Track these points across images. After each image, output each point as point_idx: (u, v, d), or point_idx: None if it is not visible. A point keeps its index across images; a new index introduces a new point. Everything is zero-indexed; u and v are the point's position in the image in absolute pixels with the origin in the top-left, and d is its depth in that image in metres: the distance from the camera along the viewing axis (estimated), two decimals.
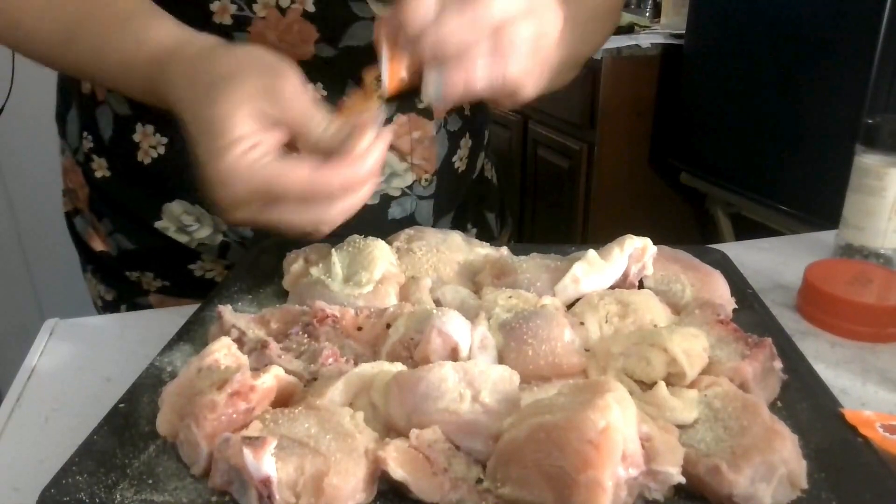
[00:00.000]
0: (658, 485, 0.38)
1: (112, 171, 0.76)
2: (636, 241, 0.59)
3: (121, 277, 0.81)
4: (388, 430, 0.42)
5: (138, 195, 0.75)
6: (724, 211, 1.97)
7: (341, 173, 0.47)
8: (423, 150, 0.77)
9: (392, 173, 0.76)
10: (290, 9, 0.66)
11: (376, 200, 0.76)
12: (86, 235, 0.82)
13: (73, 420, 0.50)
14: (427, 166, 0.78)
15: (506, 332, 0.50)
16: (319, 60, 0.68)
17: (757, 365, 0.47)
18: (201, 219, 0.75)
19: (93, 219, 0.80)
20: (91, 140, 0.75)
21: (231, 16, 0.65)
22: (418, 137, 0.77)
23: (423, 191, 0.79)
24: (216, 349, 0.46)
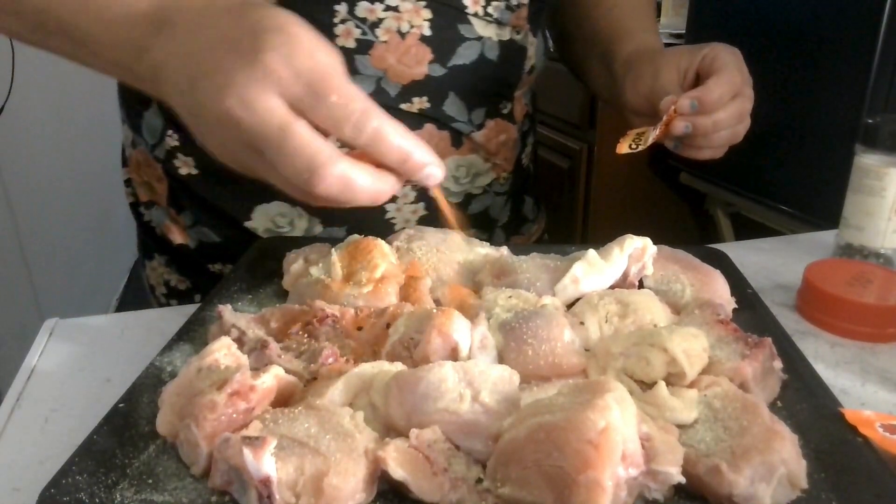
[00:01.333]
0: (658, 485, 0.38)
1: (200, 170, 0.78)
2: (636, 241, 0.59)
3: (201, 269, 0.83)
4: (388, 430, 0.42)
5: (230, 195, 0.77)
6: (723, 211, 1.97)
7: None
8: (505, 151, 0.84)
9: (476, 173, 0.82)
10: (410, 33, 0.71)
11: (460, 199, 0.82)
12: (162, 228, 0.84)
13: (73, 420, 0.50)
14: (506, 165, 0.85)
15: (506, 332, 0.50)
16: (429, 79, 0.74)
17: (757, 365, 0.47)
18: (296, 221, 0.77)
19: (171, 211, 0.82)
20: (177, 139, 0.77)
21: (355, 39, 0.70)
22: (503, 140, 0.83)
23: (499, 188, 0.85)
24: (216, 349, 0.46)
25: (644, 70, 0.73)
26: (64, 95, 2.20)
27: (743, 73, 0.69)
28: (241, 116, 0.42)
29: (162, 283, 0.87)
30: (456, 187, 0.81)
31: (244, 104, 0.41)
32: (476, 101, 0.78)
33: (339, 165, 0.43)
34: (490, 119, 0.80)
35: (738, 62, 0.69)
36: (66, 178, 2.15)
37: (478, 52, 0.75)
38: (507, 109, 0.82)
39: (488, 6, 0.75)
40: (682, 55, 0.71)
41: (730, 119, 0.67)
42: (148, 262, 0.88)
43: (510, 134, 0.83)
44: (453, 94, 0.76)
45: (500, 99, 0.81)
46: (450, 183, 0.80)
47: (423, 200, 0.79)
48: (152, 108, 0.78)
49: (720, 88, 0.66)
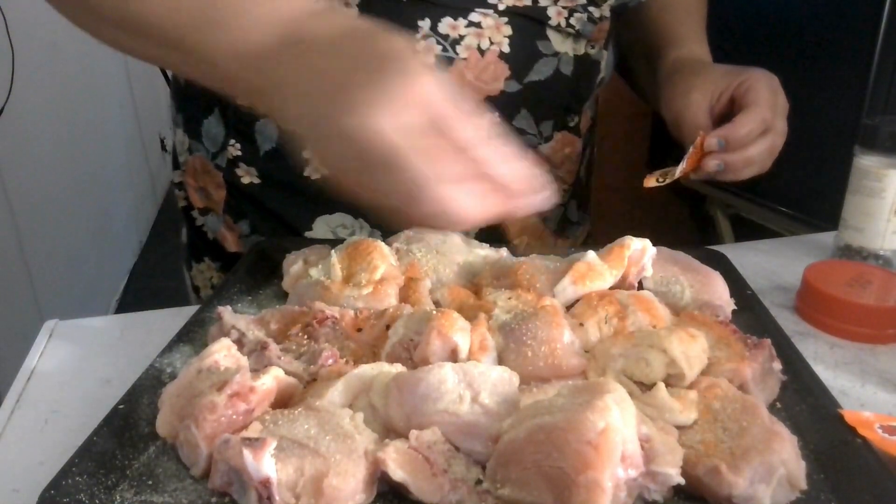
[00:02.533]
0: (657, 486, 0.38)
1: (263, 180, 0.78)
2: (635, 243, 0.59)
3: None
4: (388, 431, 0.42)
5: (293, 204, 0.78)
6: (723, 212, 1.97)
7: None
8: (569, 164, 0.84)
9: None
10: (489, 50, 0.72)
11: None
12: (216, 234, 0.84)
13: (73, 421, 0.50)
14: (568, 178, 0.86)
15: (505, 334, 0.50)
16: (504, 95, 0.74)
17: (756, 366, 0.47)
18: (357, 232, 0.78)
19: (227, 219, 0.82)
20: (239, 149, 0.77)
21: (434, 56, 0.70)
22: (568, 153, 0.83)
23: (559, 199, 0.85)
24: (216, 350, 0.46)
25: (679, 88, 0.74)
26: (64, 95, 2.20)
27: (776, 106, 0.70)
28: (360, 135, 0.43)
29: (209, 285, 0.88)
30: None
31: (364, 125, 0.43)
32: (545, 115, 0.78)
33: (438, 188, 0.44)
34: (557, 132, 0.80)
35: (774, 93, 0.70)
36: (66, 178, 2.15)
37: (553, 68, 0.76)
38: (575, 122, 0.82)
39: (571, 17, 0.74)
40: (718, 77, 0.72)
41: (760, 156, 0.69)
42: (196, 264, 0.89)
43: (575, 147, 0.83)
44: (525, 110, 0.76)
45: (569, 112, 0.81)
46: None
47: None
48: (213, 116, 0.79)
49: (749, 126, 0.67)
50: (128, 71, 3.14)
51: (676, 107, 0.73)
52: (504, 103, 0.74)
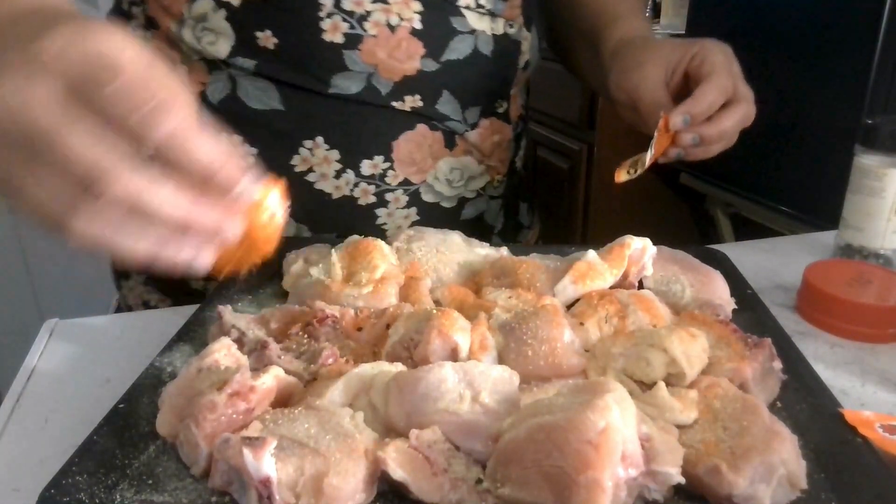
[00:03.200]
0: (658, 485, 0.38)
1: None
2: (636, 242, 0.59)
3: (182, 286, 0.81)
4: (388, 431, 0.42)
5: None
6: (723, 211, 1.97)
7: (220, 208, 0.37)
8: (500, 152, 0.82)
9: (470, 176, 0.80)
10: (400, 26, 0.69)
11: (453, 203, 0.80)
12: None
13: (73, 420, 0.50)
14: (500, 168, 0.83)
15: (505, 333, 0.50)
16: (422, 74, 0.72)
17: (756, 365, 0.47)
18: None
19: None
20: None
21: (343, 34, 0.68)
22: (497, 140, 0.81)
23: (493, 191, 0.83)
24: (216, 349, 0.46)
25: (629, 64, 0.70)
26: None
27: (733, 72, 0.67)
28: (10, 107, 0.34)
29: (141, 303, 0.84)
30: (449, 191, 0.79)
31: (13, 92, 0.34)
32: (471, 99, 0.76)
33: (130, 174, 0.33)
34: (485, 118, 0.79)
35: (728, 62, 0.67)
36: None
37: (471, 46, 0.74)
38: (503, 108, 0.81)
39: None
40: (669, 51, 0.69)
41: (735, 126, 0.67)
42: (124, 281, 0.85)
43: (505, 134, 0.82)
44: (447, 92, 0.74)
45: (496, 97, 0.79)
46: (443, 186, 0.78)
47: (415, 205, 0.77)
48: None
49: (710, 96, 0.64)
50: None
51: (629, 85, 0.69)
52: (424, 85, 0.72)
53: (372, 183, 0.75)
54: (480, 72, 0.76)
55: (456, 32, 0.72)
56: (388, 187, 0.75)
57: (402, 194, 0.76)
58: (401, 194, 0.76)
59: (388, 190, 0.75)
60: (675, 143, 0.66)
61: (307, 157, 0.72)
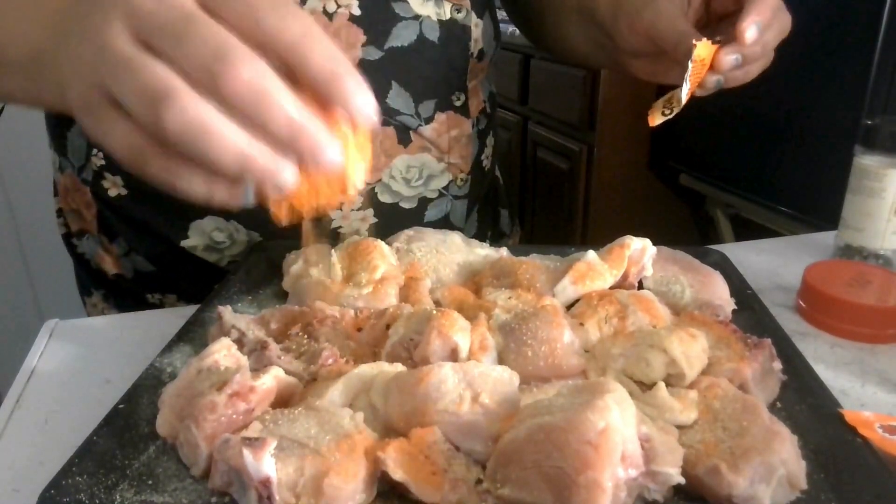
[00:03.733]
0: (657, 485, 0.38)
1: (130, 189, 0.73)
2: (636, 242, 0.59)
3: (139, 300, 0.79)
4: (388, 431, 0.42)
5: (162, 213, 0.72)
6: (723, 212, 1.97)
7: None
8: (459, 148, 0.78)
9: (430, 175, 0.76)
10: (337, 13, 0.66)
11: (414, 204, 0.76)
12: (95, 258, 0.79)
13: (73, 421, 0.50)
14: (462, 166, 0.79)
15: (505, 333, 0.50)
16: (365, 64, 0.68)
17: (756, 366, 0.47)
18: (234, 235, 0.72)
19: (103, 240, 0.77)
20: (102, 157, 0.72)
21: None
22: (455, 136, 0.77)
23: (457, 191, 0.79)
24: (216, 350, 0.46)
25: (636, 4, 0.63)
26: None
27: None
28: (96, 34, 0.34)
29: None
30: (408, 190, 0.75)
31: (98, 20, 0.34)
32: (423, 92, 0.73)
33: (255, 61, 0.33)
34: (441, 112, 0.75)
35: None
36: None
37: (416, 32, 0.70)
38: (461, 102, 0.77)
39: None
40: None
41: (776, 38, 0.59)
42: (87, 298, 0.83)
43: (463, 129, 0.77)
44: (396, 85, 0.71)
45: (451, 90, 0.76)
46: (401, 186, 0.75)
47: (371, 206, 0.74)
48: (76, 127, 0.73)
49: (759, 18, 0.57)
50: None
51: (643, 25, 0.61)
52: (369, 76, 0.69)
53: None
54: (429, 60, 0.72)
55: (399, 18, 0.69)
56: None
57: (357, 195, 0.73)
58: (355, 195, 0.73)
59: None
60: (713, 69, 0.59)
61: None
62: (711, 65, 0.59)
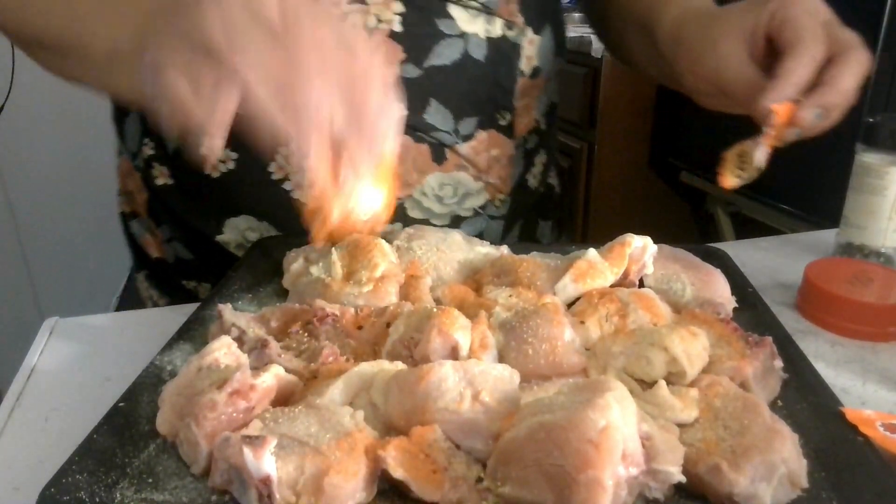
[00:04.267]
0: (658, 484, 0.38)
1: (175, 180, 0.74)
2: (636, 240, 0.59)
3: (176, 286, 0.80)
4: (389, 429, 0.42)
5: (201, 207, 0.74)
6: (724, 210, 1.97)
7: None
8: (499, 168, 0.76)
9: (465, 193, 0.74)
10: (377, 28, 0.65)
11: (445, 221, 0.75)
12: (142, 240, 0.81)
13: (73, 419, 0.50)
14: (501, 186, 0.77)
15: (506, 331, 0.50)
16: (403, 82, 0.66)
17: (757, 364, 0.47)
18: (265, 234, 0.74)
19: (150, 224, 0.79)
20: (152, 147, 0.74)
21: None
22: (496, 155, 0.75)
23: (495, 211, 0.78)
24: (216, 348, 0.46)
25: (699, 46, 0.60)
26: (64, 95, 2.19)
27: (825, 21, 0.55)
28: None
29: (149, 298, 0.84)
30: (440, 208, 0.74)
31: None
32: (465, 110, 0.71)
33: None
34: (482, 130, 0.73)
35: (814, 12, 0.55)
36: (66, 178, 2.15)
37: (460, 50, 0.69)
38: (506, 121, 0.74)
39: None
40: (740, 18, 0.58)
41: (856, 82, 0.56)
42: (137, 274, 0.85)
43: (504, 149, 0.75)
44: (435, 101, 0.70)
45: (496, 108, 0.74)
46: (432, 203, 0.73)
47: (399, 220, 0.73)
48: (132, 116, 0.76)
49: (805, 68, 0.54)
50: None
51: (706, 71, 0.59)
52: (407, 92, 0.69)
53: None
54: (472, 78, 0.70)
55: (442, 35, 0.68)
56: None
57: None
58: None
59: None
60: (793, 124, 0.57)
61: (283, 164, 0.70)
62: (791, 120, 0.57)
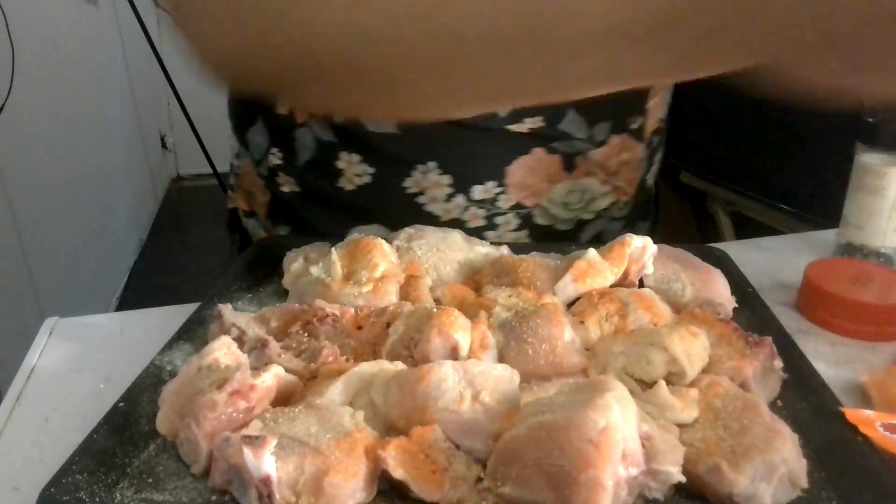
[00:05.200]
0: (658, 484, 0.38)
1: (301, 189, 0.77)
2: (636, 240, 0.59)
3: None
4: (388, 429, 0.42)
5: (329, 213, 0.76)
6: (724, 210, 1.97)
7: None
8: (627, 171, 0.76)
9: (591, 198, 0.75)
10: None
11: (570, 226, 0.76)
12: (257, 237, 0.84)
13: (73, 419, 0.50)
14: (627, 188, 0.78)
15: (506, 331, 0.50)
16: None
17: (757, 364, 0.47)
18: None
19: (268, 224, 0.82)
20: (280, 157, 0.76)
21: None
22: (626, 159, 0.75)
23: (618, 213, 0.78)
24: (216, 348, 0.46)
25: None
26: (64, 94, 2.20)
27: None
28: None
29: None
30: (566, 213, 0.75)
31: None
32: (599, 114, 0.71)
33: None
34: (615, 135, 0.73)
35: None
36: (66, 176, 2.16)
37: None
38: (637, 124, 0.74)
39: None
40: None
41: None
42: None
43: (635, 153, 0.75)
44: (572, 111, 0.70)
45: (629, 112, 0.74)
46: (559, 210, 0.74)
47: (526, 228, 0.75)
48: (257, 125, 0.78)
49: None
50: (128, 69, 3.14)
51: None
52: (548, 104, 0.68)
53: (482, 207, 0.73)
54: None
55: None
56: (498, 211, 0.73)
57: (513, 217, 0.74)
58: (512, 217, 0.74)
59: (499, 213, 0.74)
60: None
61: (419, 180, 0.72)
62: None
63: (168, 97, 3.50)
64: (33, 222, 1.84)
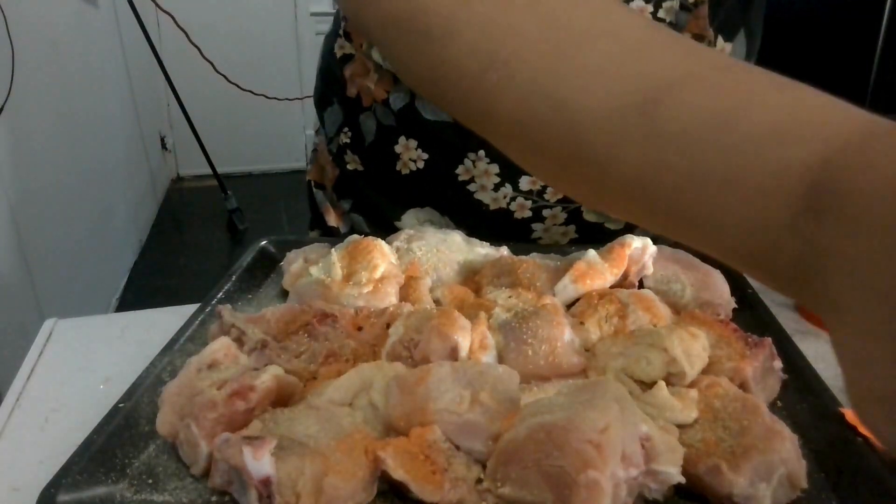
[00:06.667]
0: (658, 485, 0.38)
1: (365, 168, 0.81)
2: (636, 241, 0.59)
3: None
4: (388, 430, 0.42)
5: (388, 194, 0.80)
6: None
7: None
8: None
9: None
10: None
11: (620, 226, 0.77)
12: (322, 208, 0.89)
13: (73, 420, 0.50)
14: None
15: (505, 332, 0.50)
16: None
17: (757, 365, 0.47)
18: (444, 227, 0.77)
19: (333, 196, 0.87)
20: (349, 137, 0.80)
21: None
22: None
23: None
24: (216, 349, 0.46)
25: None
26: (64, 94, 2.20)
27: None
28: None
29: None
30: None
31: None
32: None
33: None
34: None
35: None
36: (66, 177, 2.16)
37: None
38: None
39: (658, 10, 0.65)
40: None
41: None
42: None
43: None
44: None
45: None
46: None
47: (574, 223, 0.76)
48: (333, 107, 0.82)
49: None
50: (128, 69, 3.14)
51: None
52: None
53: (529, 198, 0.74)
54: None
55: None
56: (545, 203, 0.74)
57: (560, 211, 0.75)
58: (559, 211, 0.75)
59: (546, 206, 0.74)
60: None
61: (469, 168, 0.73)
62: None
63: (168, 97, 3.51)
64: (33, 223, 1.84)
